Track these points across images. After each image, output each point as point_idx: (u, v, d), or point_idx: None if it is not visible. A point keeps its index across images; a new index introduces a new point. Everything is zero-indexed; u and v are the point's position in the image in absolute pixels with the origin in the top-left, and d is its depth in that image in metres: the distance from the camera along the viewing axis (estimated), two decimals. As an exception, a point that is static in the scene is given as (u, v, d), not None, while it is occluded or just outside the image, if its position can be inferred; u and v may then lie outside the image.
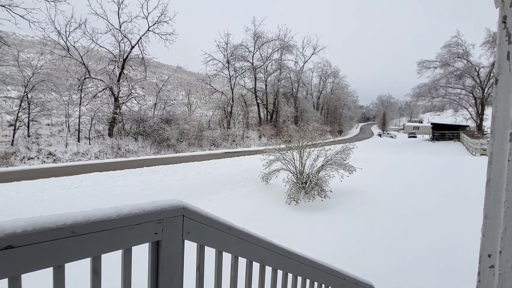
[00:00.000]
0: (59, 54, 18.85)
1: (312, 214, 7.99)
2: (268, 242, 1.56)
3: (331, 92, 55.15)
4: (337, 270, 2.18)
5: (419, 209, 7.93)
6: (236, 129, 31.20)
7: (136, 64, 22.73)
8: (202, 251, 1.22)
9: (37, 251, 0.74)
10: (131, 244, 0.96)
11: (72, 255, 0.81)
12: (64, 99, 17.42)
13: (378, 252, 5.46)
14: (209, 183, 10.46)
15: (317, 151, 10.52)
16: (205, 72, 32.63)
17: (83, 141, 17.49)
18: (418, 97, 35.82)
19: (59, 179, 9.01)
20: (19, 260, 0.71)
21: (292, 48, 37.37)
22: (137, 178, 10.02)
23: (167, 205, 1.04)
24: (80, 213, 0.85)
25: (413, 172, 13.46)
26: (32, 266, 0.73)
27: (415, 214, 7.56)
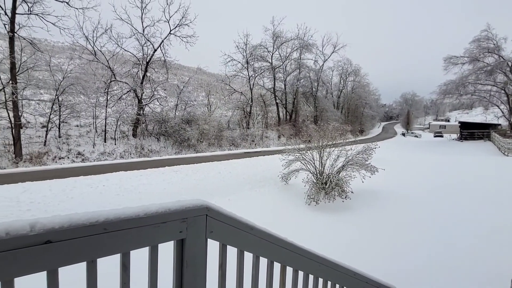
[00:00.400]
0: (87, 59, 19.80)
1: (333, 215, 7.86)
2: (289, 242, 1.56)
3: (352, 90, 53.84)
4: (359, 272, 2.13)
5: (446, 213, 7.58)
6: (255, 129, 31.30)
7: (159, 66, 23.40)
8: (225, 250, 1.24)
9: (73, 246, 0.78)
10: (157, 242, 0.99)
11: (103, 250, 0.85)
12: (91, 102, 18.28)
13: (401, 256, 5.28)
14: (228, 182, 10.57)
15: (337, 151, 10.33)
16: (224, 73, 33.00)
17: (109, 141, 18.26)
18: (445, 95, 34.13)
19: (88, 178, 9.47)
20: (57, 255, 0.75)
21: (312, 47, 36.91)
22: (159, 177, 10.32)
23: (191, 205, 1.07)
24: (111, 211, 0.90)
25: (440, 173, 12.88)
26: (68, 260, 0.78)
27: (440, 218, 7.23)
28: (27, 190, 7.71)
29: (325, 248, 4.98)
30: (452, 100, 35.85)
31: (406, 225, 6.91)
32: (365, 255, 5.24)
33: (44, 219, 0.77)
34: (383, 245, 5.81)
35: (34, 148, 14.61)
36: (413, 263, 4.95)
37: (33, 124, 16.75)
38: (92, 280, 0.85)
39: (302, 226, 7.09)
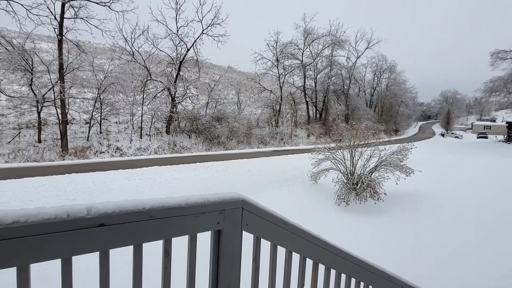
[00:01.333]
0: (126, 59, 20.97)
1: (364, 217, 7.61)
2: (323, 240, 1.55)
3: (387, 88, 51.38)
4: (394, 276, 2.06)
5: (490, 218, 7.00)
6: (284, 128, 31.14)
7: (191, 65, 24.12)
8: (259, 243, 1.27)
9: (122, 230, 0.85)
10: (196, 231, 1.04)
11: (149, 236, 0.91)
12: (129, 100, 19.34)
13: (437, 262, 4.98)
14: (257, 180, 10.65)
15: (369, 151, 9.97)
16: (254, 71, 33.15)
17: (144, 138, 19.23)
18: (491, 93, 31.40)
19: (126, 171, 10.07)
20: (109, 237, 0.82)
21: (344, 43, 35.81)
22: (191, 173, 10.68)
23: (228, 197, 1.11)
24: (156, 199, 0.96)
25: (484, 177, 11.90)
26: (118, 243, 0.85)
27: (483, 224, 6.69)
28: (73, 181, 8.38)
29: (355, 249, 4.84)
30: (499, 98, 32.90)
31: (445, 230, 6.50)
32: (398, 259, 5.01)
33: (99, 204, 0.84)
34: (418, 251, 5.52)
35: (78, 143, 15.82)
36: (450, 272, 4.65)
37: (77, 120, 18.13)
38: (138, 263, 0.91)
39: (331, 226, 6.96)
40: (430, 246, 5.74)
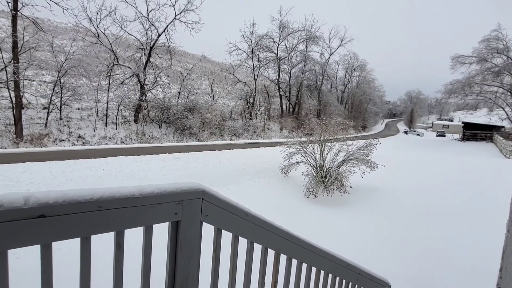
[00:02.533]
0: (90, 41, 19.61)
1: (331, 209, 7.91)
2: (284, 230, 1.56)
3: (357, 86, 53.39)
4: (353, 264, 2.15)
5: (443, 212, 7.61)
6: (257, 120, 31.22)
7: (162, 52, 23.17)
8: (219, 234, 1.25)
9: (67, 222, 0.78)
10: (152, 222, 1.00)
11: (98, 227, 0.85)
12: (93, 85, 18.19)
13: (398, 251, 5.33)
14: (228, 172, 10.60)
15: (338, 145, 10.33)
16: (229, 62, 32.69)
17: (110, 126, 18.27)
18: (450, 94, 33.81)
19: (88, 161, 9.51)
20: (51, 229, 0.75)
21: (319, 40, 36.40)
22: (159, 164, 10.36)
23: (187, 187, 1.07)
24: (106, 189, 0.89)
25: (439, 173, 12.88)
26: (62, 235, 0.78)
27: (437, 217, 7.27)
28: (27, 170, 7.76)
29: (321, 240, 5.03)
30: (457, 100, 35.53)
31: (402, 221, 6.96)
32: (360, 248, 5.29)
33: (39, 193, 0.77)
34: (378, 240, 5.86)
35: (35, 129, 14.64)
36: (407, 258, 5.00)
37: (34, 105, 16.72)
38: (86, 256, 0.86)
39: (300, 217, 7.15)
40: (389, 235, 6.12)
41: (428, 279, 4.34)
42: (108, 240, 1.12)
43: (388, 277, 2.85)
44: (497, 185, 9.96)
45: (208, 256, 1.29)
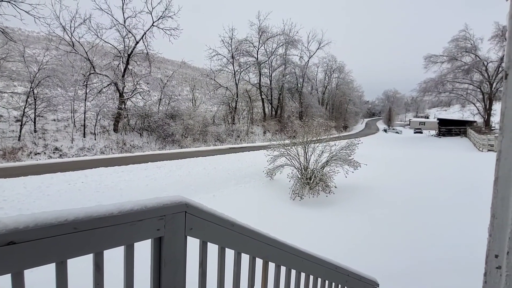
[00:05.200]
0: (65, 50, 18.92)
1: (317, 210, 7.98)
2: (272, 238, 1.55)
3: (337, 87, 54.65)
4: (341, 266, 2.17)
5: (426, 206, 7.87)
6: (240, 125, 31.18)
7: (141, 59, 22.74)
8: (205, 247, 1.21)
9: (39, 247, 0.74)
10: (133, 240, 0.96)
11: (74, 251, 0.81)
12: (69, 95, 17.53)
13: (384, 248, 5.44)
14: (213, 178, 10.49)
15: (321, 146, 10.48)
16: (209, 68, 32.53)
17: (88, 137, 17.65)
18: (425, 92, 35.33)
19: (65, 174, 9.12)
20: (21, 256, 0.71)
21: (297, 43, 37.02)
22: (142, 173, 10.10)
23: (169, 201, 1.04)
24: (82, 209, 0.85)
25: (419, 168, 13.34)
26: (34, 262, 0.74)
27: (421, 211, 7.50)
28: (0, 187, 7.34)
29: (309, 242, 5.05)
30: (431, 97, 37.14)
31: (387, 218, 7.13)
32: (347, 247, 5.36)
33: (7, 218, 0.72)
34: (364, 238, 5.96)
35: (7, 143, 13.90)
36: (393, 255, 5.11)
37: (6, 118, 15.89)
38: (62, 281, 0.81)
39: (287, 221, 7.16)
40: (375, 232, 6.24)
41: (415, 274, 4.45)
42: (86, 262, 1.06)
43: (376, 275, 2.89)
44: (477, 178, 10.41)
45: (194, 271, 1.25)
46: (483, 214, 4.88)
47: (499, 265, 0.60)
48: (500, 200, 0.59)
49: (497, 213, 0.60)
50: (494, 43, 29.06)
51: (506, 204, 0.58)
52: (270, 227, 5.15)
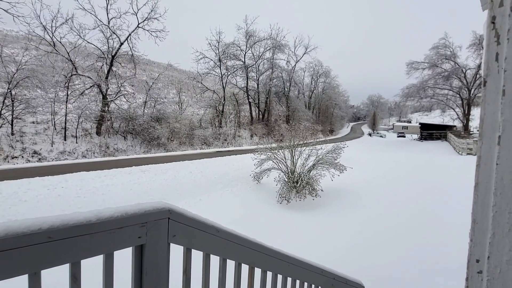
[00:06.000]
0: (45, 50, 18.33)
1: (303, 213, 8.02)
2: (258, 243, 1.53)
3: (323, 91, 55.52)
4: (327, 270, 2.17)
5: (410, 208, 8.06)
6: (227, 128, 31.08)
7: (125, 61, 22.32)
8: (189, 254, 1.18)
9: (11, 258, 0.69)
10: (112, 249, 0.91)
11: (49, 261, 0.77)
12: (50, 96, 16.95)
13: (369, 251, 5.51)
14: (200, 182, 10.37)
15: (308, 150, 10.56)
16: (196, 71, 32.36)
17: (69, 140, 17.09)
18: (407, 98, 36.44)
19: (44, 179, 8.77)
20: (-10, 268, 0.67)
21: (284, 48, 37.42)
22: (125, 178, 9.85)
23: (151, 208, 1.00)
24: (57, 217, 0.81)
25: (403, 171, 13.68)
26: (5, 273, 0.69)
27: (405, 213, 7.67)
28: (-27, 193, 6.96)
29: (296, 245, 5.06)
30: (414, 102, 38.33)
31: (372, 220, 7.24)
32: (335, 251, 5.40)
33: (-25, 228, 0.67)
34: (350, 241, 6.02)
35: (-18, 147, 13.26)
36: (378, 258, 5.19)
37: (-19, 120, 15.18)
38: (35, 295, 0.76)
39: (274, 224, 7.15)
40: (360, 235, 6.32)
41: (399, 277, 4.53)
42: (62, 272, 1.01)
43: (361, 278, 2.92)
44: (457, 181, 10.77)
45: (178, 279, 1.21)
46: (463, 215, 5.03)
47: (480, 270, 0.61)
48: (480, 206, 0.61)
49: (478, 219, 0.61)
50: (472, 51, 30.43)
51: (486, 210, 0.60)
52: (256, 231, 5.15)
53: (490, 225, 0.58)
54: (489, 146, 0.60)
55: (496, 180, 0.59)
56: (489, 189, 0.60)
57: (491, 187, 0.60)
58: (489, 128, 0.60)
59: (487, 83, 0.60)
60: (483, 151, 0.62)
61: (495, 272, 0.58)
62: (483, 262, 0.60)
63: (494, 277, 0.58)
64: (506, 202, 0.56)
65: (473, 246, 0.62)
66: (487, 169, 0.61)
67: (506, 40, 0.55)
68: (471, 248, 0.62)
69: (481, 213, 0.60)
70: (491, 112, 0.60)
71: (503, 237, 0.56)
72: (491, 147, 0.60)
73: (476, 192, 0.63)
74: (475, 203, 0.62)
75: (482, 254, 0.60)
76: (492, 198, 0.59)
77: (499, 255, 0.57)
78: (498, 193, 0.58)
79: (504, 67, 0.56)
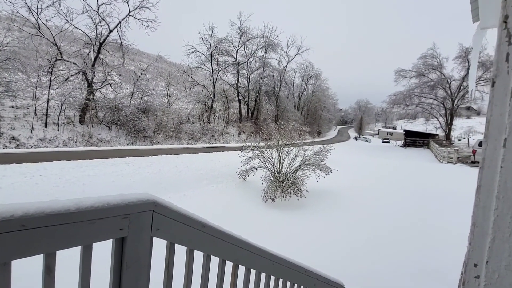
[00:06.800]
0: (29, 32, 17.54)
1: (288, 213, 8.05)
2: (243, 241, 1.50)
3: (312, 93, 55.99)
4: (310, 269, 2.17)
5: (393, 212, 8.24)
6: (216, 124, 30.84)
7: (114, 49, 21.71)
8: (172, 249, 1.14)
9: (-23, 247, 0.64)
10: (91, 241, 0.86)
11: (20, 251, 0.71)
12: (31, 81, 16.27)
13: (351, 252, 5.59)
14: (185, 177, 10.23)
15: (295, 150, 10.61)
16: (187, 64, 31.92)
17: (50, 127, 16.47)
18: (394, 104, 37.29)
19: (22, 166, 8.40)
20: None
21: (277, 47, 37.45)
22: (108, 169, 9.58)
23: (135, 199, 0.95)
24: (33, 204, 0.75)
25: (386, 176, 13.98)
26: (-29, 263, 0.64)
27: (388, 217, 7.83)
28: None
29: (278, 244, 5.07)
30: (399, 109, 39.27)
31: (354, 222, 7.36)
32: (315, 250, 5.45)
33: None
34: (332, 241, 6.10)
35: (-45, 129, 12.59)
36: (359, 258, 5.28)
37: (-45, 101, 14.41)
38: (4, 285, 0.71)
39: (258, 223, 7.15)
40: (342, 236, 6.42)
41: (379, 276, 4.62)
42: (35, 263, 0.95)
43: (341, 278, 2.95)
44: (439, 187, 11.12)
45: (160, 274, 1.17)
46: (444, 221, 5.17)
47: (477, 275, 0.60)
48: (481, 209, 0.60)
49: (478, 222, 0.60)
50: (458, 62, 31.45)
51: (488, 213, 0.58)
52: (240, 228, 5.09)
53: (491, 229, 0.57)
54: (494, 148, 0.58)
55: (500, 183, 0.57)
56: (492, 192, 0.59)
57: (494, 190, 0.58)
58: (495, 130, 0.58)
59: (495, 84, 0.59)
60: (488, 153, 0.60)
61: (493, 278, 0.56)
62: (481, 266, 0.59)
63: (491, 282, 0.56)
64: (509, 206, 0.55)
65: (471, 250, 0.61)
66: (491, 171, 0.59)
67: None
68: (470, 252, 0.61)
69: (481, 217, 0.59)
70: (498, 114, 0.59)
71: (503, 242, 0.55)
72: (496, 149, 0.59)
73: (478, 194, 0.61)
74: (476, 206, 0.61)
75: (480, 258, 0.59)
76: (494, 202, 0.58)
77: (498, 260, 0.56)
78: (501, 197, 0.57)
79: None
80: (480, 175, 0.61)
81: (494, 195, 0.58)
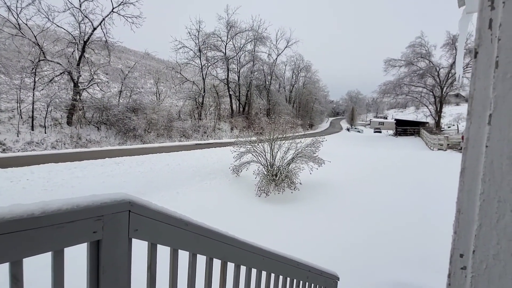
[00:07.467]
0: (9, 33, 16.96)
1: (282, 206, 8.07)
2: (230, 237, 1.46)
3: (303, 86, 55.97)
4: (302, 262, 2.15)
5: (385, 202, 8.33)
6: (207, 121, 30.59)
7: (99, 47, 21.19)
8: (154, 249, 1.09)
9: None
10: (62, 246, 0.80)
11: (-20, 259, 0.66)
12: (15, 83, 15.79)
13: (345, 244, 5.63)
14: (177, 175, 10.14)
15: (288, 143, 10.61)
16: (175, 60, 31.41)
17: (37, 130, 16.08)
18: (384, 94, 37.59)
19: (7, 171, 8.18)
20: None
21: (266, 40, 37.14)
22: (97, 170, 9.42)
23: (108, 200, 0.89)
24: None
25: (379, 165, 14.13)
26: None
27: (381, 207, 7.91)
28: None
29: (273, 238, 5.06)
30: (390, 99, 39.65)
31: (348, 214, 7.42)
32: (310, 243, 5.47)
33: None
34: (326, 234, 6.13)
35: None
36: (353, 250, 5.32)
37: None
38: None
39: (252, 217, 7.14)
40: (337, 228, 6.46)
41: (373, 268, 4.66)
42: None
43: (336, 270, 2.95)
44: (430, 175, 11.29)
45: (142, 276, 1.12)
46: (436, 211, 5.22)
47: (464, 266, 0.56)
48: (466, 193, 0.55)
49: (463, 208, 0.56)
50: (446, 50, 31.77)
51: (473, 198, 0.54)
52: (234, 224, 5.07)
53: (477, 215, 0.52)
54: (478, 126, 0.54)
55: (485, 165, 0.53)
56: (477, 175, 0.55)
57: (479, 172, 0.54)
58: (479, 106, 0.54)
59: (478, 54, 0.54)
60: (472, 132, 0.56)
61: (481, 268, 0.52)
62: (467, 256, 0.56)
63: (479, 273, 0.52)
64: (496, 190, 0.50)
65: (457, 239, 0.56)
66: (475, 152, 0.55)
67: (501, 3, 0.50)
68: (455, 241, 0.57)
69: (466, 202, 0.55)
70: (481, 88, 0.54)
71: (490, 229, 0.51)
72: (481, 127, 0.55)
73: (462, 178, 0.57)
74: (461, 190, 0.56)
75: (466, 248, 0.54)
76: (480, 185, 0.54)
77: (485, 249, 0.52)
78: (487, 179, 0.53)
79: (498, 35, 0.50)
80: (464, 157, 0.56)
81: (480, 177, 0.53)
